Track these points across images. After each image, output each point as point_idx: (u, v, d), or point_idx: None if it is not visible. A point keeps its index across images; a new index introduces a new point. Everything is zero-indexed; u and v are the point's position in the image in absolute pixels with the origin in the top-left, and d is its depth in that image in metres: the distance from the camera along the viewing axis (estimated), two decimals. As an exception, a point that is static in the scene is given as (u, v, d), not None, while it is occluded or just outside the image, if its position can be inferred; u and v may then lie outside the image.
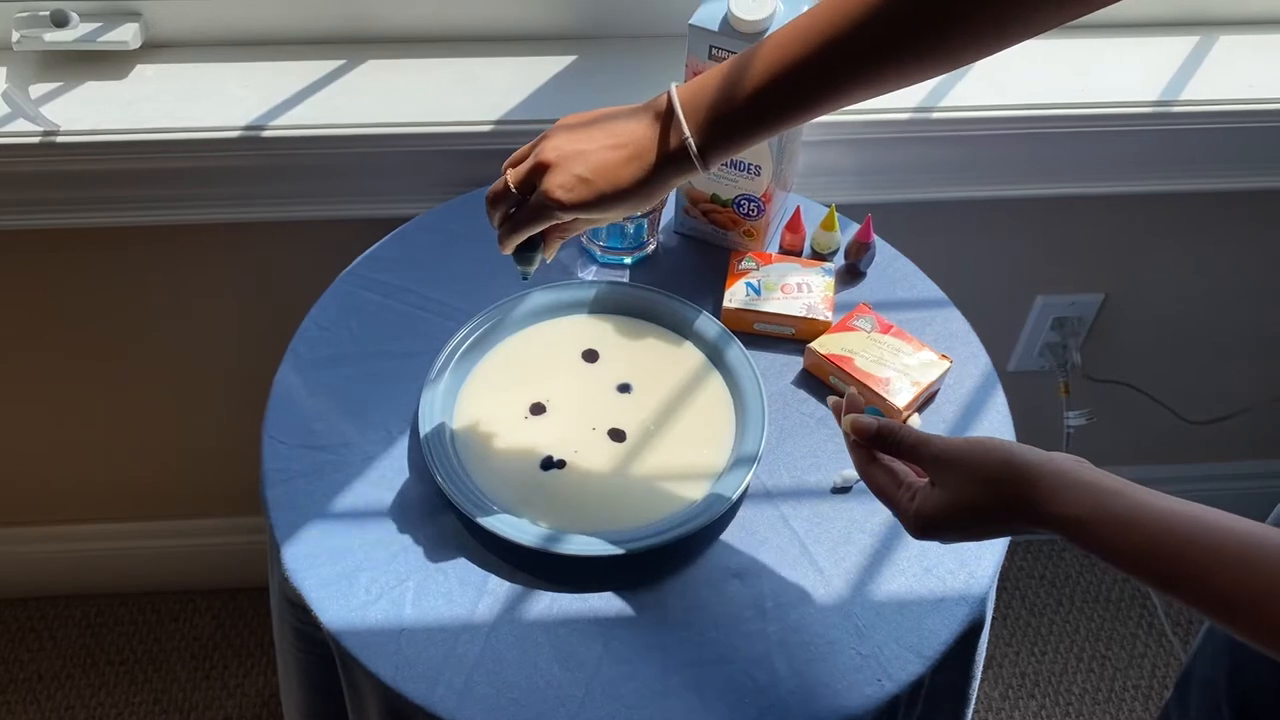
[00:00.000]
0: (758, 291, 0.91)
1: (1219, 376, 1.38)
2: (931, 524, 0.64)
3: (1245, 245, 1.24)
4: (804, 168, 1.04)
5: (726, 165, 0.91)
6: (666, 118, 0.67)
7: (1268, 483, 1.52)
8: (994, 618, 1.51)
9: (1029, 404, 1.07)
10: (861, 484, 0.81)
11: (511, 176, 0.70)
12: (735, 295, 0.90)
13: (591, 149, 0.67)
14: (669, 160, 0.66)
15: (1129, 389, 1.35)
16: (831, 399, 0.72)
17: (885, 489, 0.67)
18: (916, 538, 0.66)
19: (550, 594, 0.75)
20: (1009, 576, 1.55)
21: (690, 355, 0.88)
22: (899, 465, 0.68)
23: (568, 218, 0.68)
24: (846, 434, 0.69)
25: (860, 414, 0.69)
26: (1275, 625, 0.55)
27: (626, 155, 0.67)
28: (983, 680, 1.45)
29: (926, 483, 0.65)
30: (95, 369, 1.23)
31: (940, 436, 0.65)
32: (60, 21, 0.99)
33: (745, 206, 0.93)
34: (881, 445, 0.67)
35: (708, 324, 0.89)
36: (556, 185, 0.67)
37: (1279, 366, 1.37)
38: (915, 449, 0.65)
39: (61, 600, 1.49)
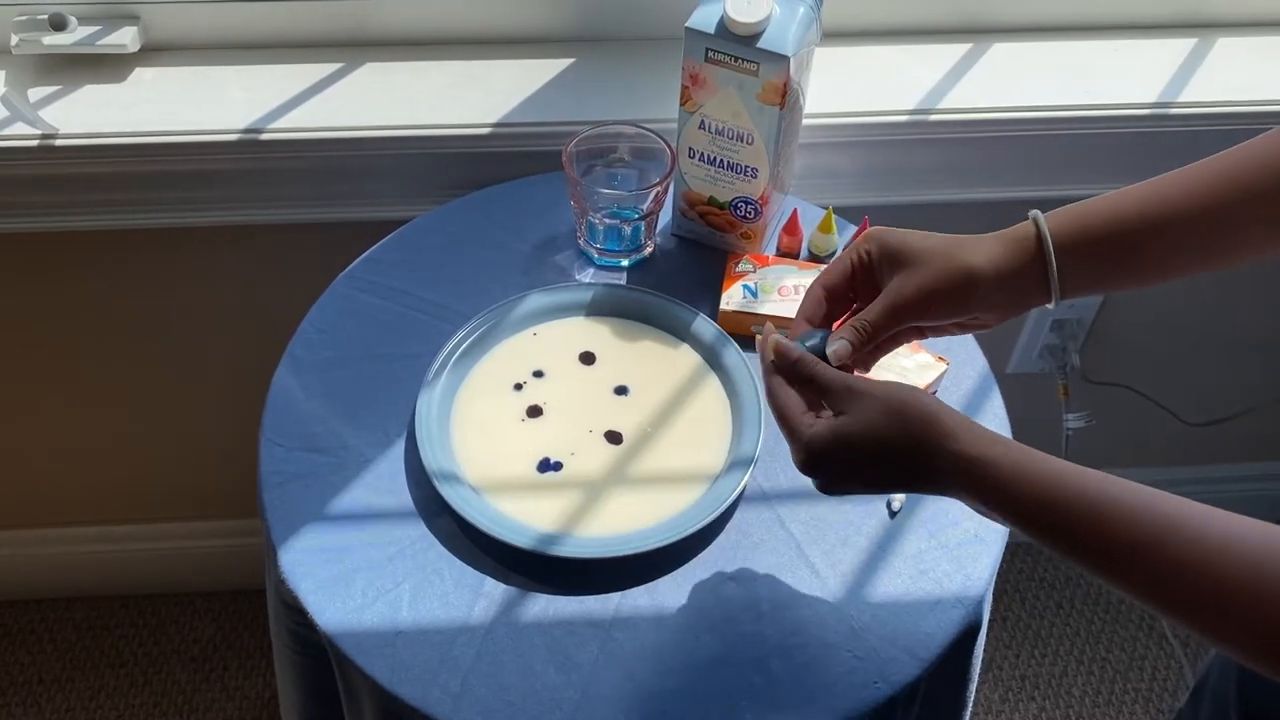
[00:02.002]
0: (755, 294, 0.91)
1: (1218, 378, 1.38)
2: (825, 452, 0.63)
3: (1244, 247, 1.23)
4: (801, 170, 1.04)
5: (723, 167, 0.91)
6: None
7: (1268, 485, 1.52)
8: (994, 620, 1.51)
9: (1028, 406, 1.07)
10: (858, 486, 0.81)
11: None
12: (732, 297, 0.90)
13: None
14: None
15: (1128, 391, 1.35)
16: (760, 337, 0.69)
17: (787, 409, 0.65)
18: (803, 468, 0.64)
19: (546, 596, 0.75)
20: (1009, 579, 1.55)
21: (687, 357, 0.88)
22: (806, 398, 0.66)
23: None
24: (764, 356, 0.68)
25: (784, 340, 0.67)
26: (1155, 579, 0.56)
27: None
28: (982, 682, 1.45)
29: (831, 414, 0.65)
30: (92, 372, 1.23)
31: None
32: (58, 25, 0.99)
33: (742, 209, 0.93)
34: (796, 373, 0.66)
35: (705, 326, 0.89)
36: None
37: (1278, 367, 1.37)
38: (830, 382, 0.65)
39: (61, 602, 1.49)
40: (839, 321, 0.70)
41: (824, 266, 0.93)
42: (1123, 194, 0.67)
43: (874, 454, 0.62)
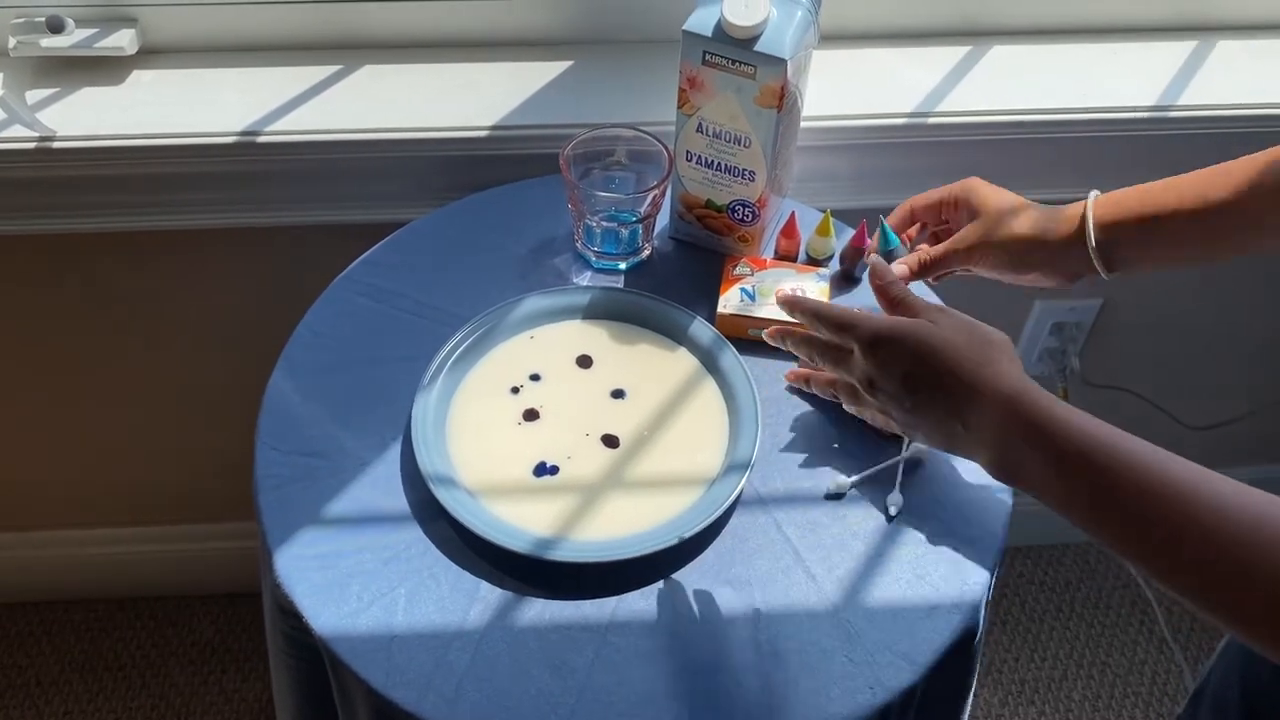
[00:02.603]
0: (752, 297, 0.90)
1: (1218, 382, 1.37)
2: (897, 335, 0.63)
3: (1244, 250, 1.23)
4: (799, 173, 1.04)
5: (720, 170, 0.91)
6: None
7: (1268, 488, 1.51)
8: (993, 623, 1.51)
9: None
10: (855, 491, 0.81)
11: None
12: (730, 301, 0.90)
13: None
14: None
15: (1128, 394, 1.35)
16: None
17: (851, 311, 0.67)
18: (870, 342, 0.64)
19: (542, 601, 0.75)
20: (1009, 582, 1.55)
21: (684, 361, 0.88)
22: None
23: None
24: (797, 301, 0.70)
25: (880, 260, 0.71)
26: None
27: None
28: (982, 686, 1.45)
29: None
30: (89, 374, 1.23)
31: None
32: (56, 27, 0.99)
33: (740, 212, 0.93)
34: (888, 293, 0.68)
35: (702, 329, 0.89)
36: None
37: (1278, 371, 1.37)
38: (920, 300, 0.67)
39: (60, 605, 1.49)
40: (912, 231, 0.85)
41: (822, 270, 0.93)
42: (1169, 184, 0.74)
43: (939, 352, 0.61)
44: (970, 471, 0.83)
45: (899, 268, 0.73)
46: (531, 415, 0.84)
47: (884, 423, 0.67)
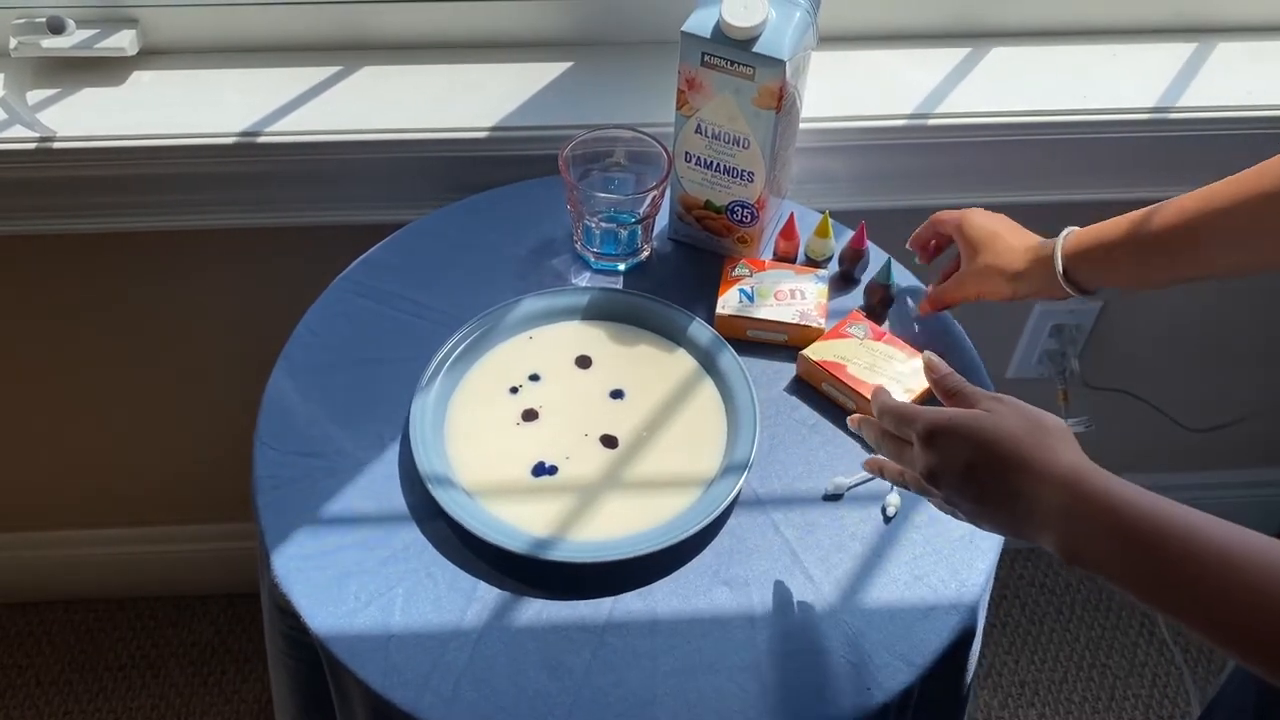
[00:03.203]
0: (751, 298, 0.90)
1: (1218, 384, 1.37)
2: (955, 428, 0.63)
3: (1244, 252, 1.23)
4: (798, 174, 1.04)
5: (719, 171, 0.91)
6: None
7: (1267, 490, 1.51)
8: (994, 625, 1.51)
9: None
10: (853, 493, 0.81)
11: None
12: (728, 302, 0.90)
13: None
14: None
15: (1128, 396, 1.35)
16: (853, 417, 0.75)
17: (908, 405, 0.68)
18: (926, 434, 0.64)
19: (540, 601, 0.75)
20: (1009, 584, 1.55)
21: (683, 362, 0.88)
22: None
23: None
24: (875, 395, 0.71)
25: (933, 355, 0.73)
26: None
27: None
28: (982, 688, 1.44)
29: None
30: (90, 374, 1.23)
31: None
32: (57, 28, 1.00)
33: (739, 213, 0.93)
34: (945, 386, 0.70)
35: (700, 330, 0.89)
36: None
37: (1278, 373, 1.37)
38: (977, 390, 0.68)
39: (59, 605, 1.49)
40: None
41: (820, 271, 0.93)
42: (1143, 211, 0.81)
43: (998, 442, 0.62)
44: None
45: (941, 364, 0.74)
46: (530, 415, 0.84)
47: (950, 513, 0.68)
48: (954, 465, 0.64)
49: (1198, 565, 0.56)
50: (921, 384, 0.85)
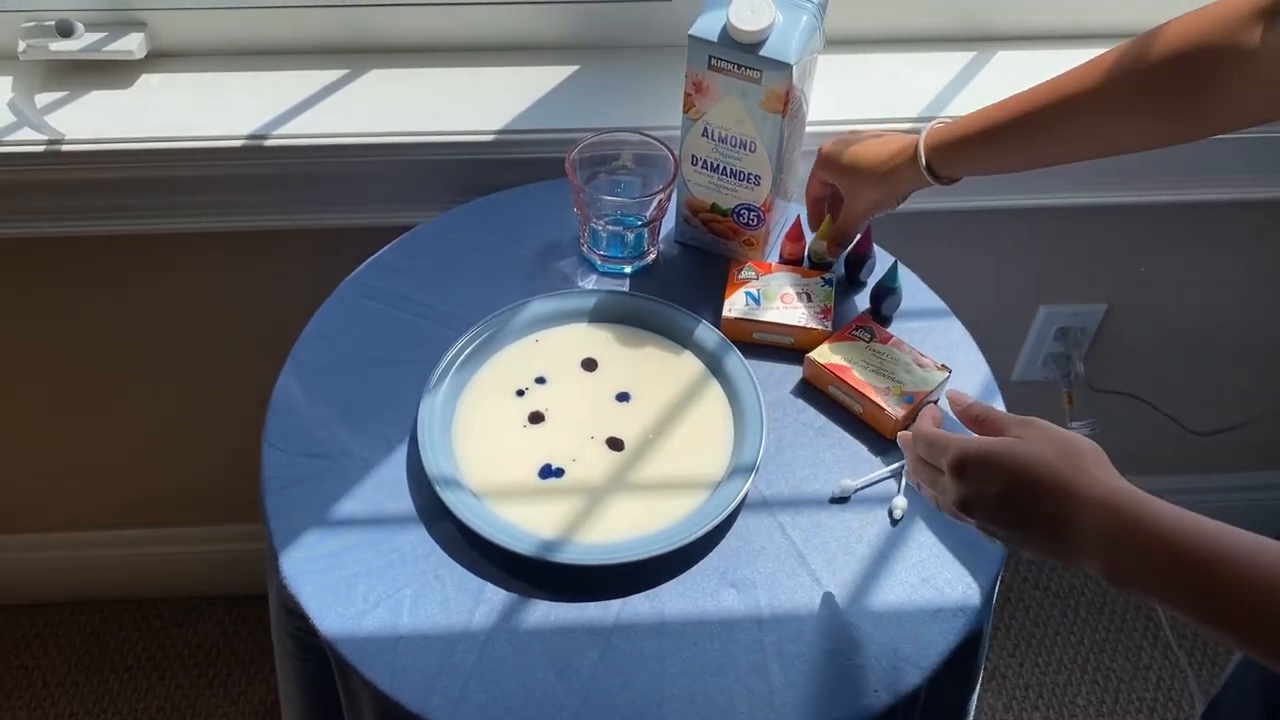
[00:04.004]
0: (757, 301, 0.91)
1: (1224, 387, 1.37)
2: (988, 458, 0.63)
3: (1249, 255, 1.23)
4: (804, 177, 1.04)
5: (726, 174, 0.91)
6: None
7: (1273, 494, 1.51)
8: (998, 628, 1.51)
9: (1032, 414, 1.06)
10: (860, 495, 0.81)
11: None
12: (735, 305, 0.90)
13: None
14: None
15: (1133, 399, 1.35)
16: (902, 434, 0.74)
17: (942, 433, 0.68)
18: (956, 466, 0.65)
19: (547, 603, 0.75)
20: (1013, 587, 1.55)
21: (689, 364, 0.88)
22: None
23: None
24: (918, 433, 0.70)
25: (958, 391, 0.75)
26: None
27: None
28: (986, 691, 1.45)
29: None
30: (98, 376, 1.23)
31: None
32: (65, 31, 1.00)
33: (745, 216, 0.93)
34: (970, 414, 0.70)
35: (707, 333, 0.89)
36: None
37: (1283, 377, 1.37)
38: (1005, 416, 0.68)
39: (66, 607, 1.49)
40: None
41: (826, 275, 0.93)
42: (991, 105, 0.84)
43: (1031, 468, 0.62)
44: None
45: (964, 395, 0.75)
46: (537, 418, 0.84)
47: (988, 537, 0.68)
48: (986, 494, 0.64)
49: (1248, 587, 0.56)
50: (926, 387, 0.85)
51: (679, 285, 0.94)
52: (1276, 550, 0.56)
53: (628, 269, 0.95)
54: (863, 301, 0.94)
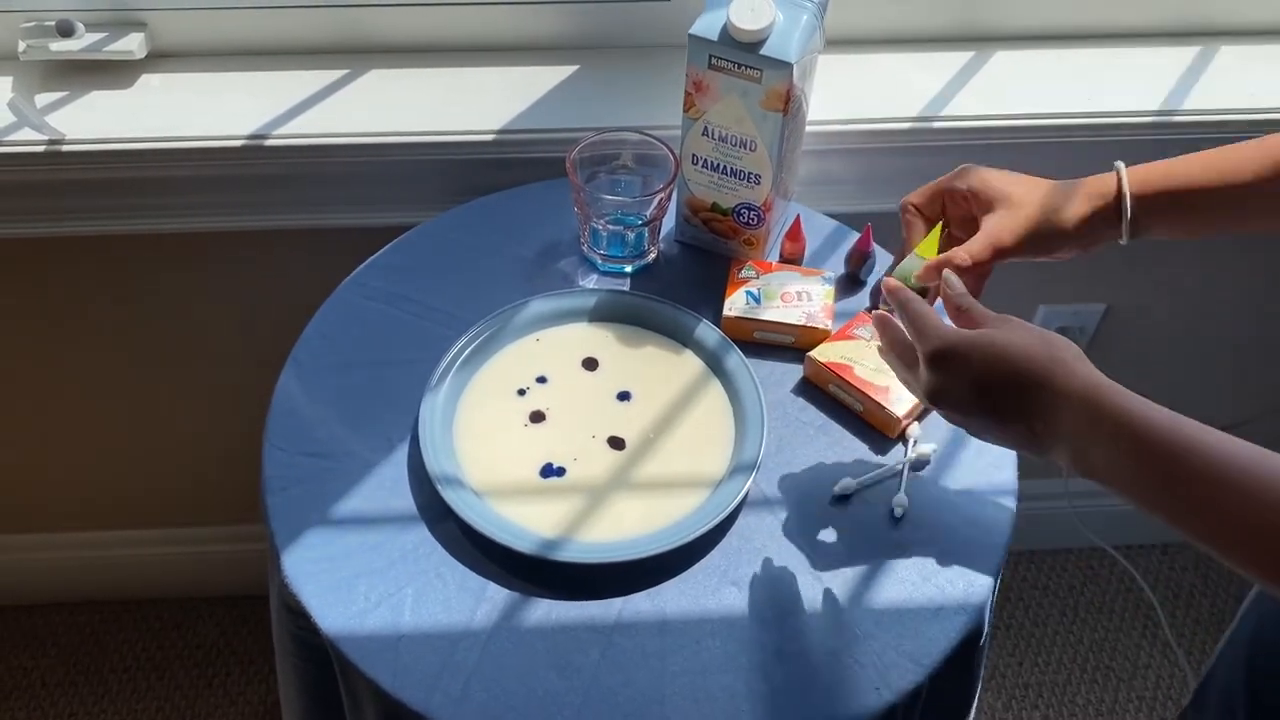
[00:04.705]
0: (757, 300, 0.91)
1: (1221, 387, 1.37)
2: (967, 347, 0.63)
3: (1247, 256, 1.24)
4: (804, 176, 1.04)
5: (726, 174, 0.91)
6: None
7: (1272, 493, 1.51)
8: (997, 627, 1.51)
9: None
10: (861, 494, 0.81)
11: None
12: (735, 304, 0.91)
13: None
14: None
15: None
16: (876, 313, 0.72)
17: (927, 312, 0.67)
18: (933, 358, 0.64)
19: (548, 601, 0.75)
20: (1012, 586, 1.55)
21: (690, 363, 0.89)
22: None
23: None
24: (896, 286, 0.69)
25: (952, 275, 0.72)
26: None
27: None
28: (986, 690, 1.45)
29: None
30: (97, 376, 1.23)
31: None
32: (66, 31, 1.00)
33: (745, 215, 0.93)
34: (953, 305, 0.69)
35: (707, 332, 0.89)
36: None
37: (1278, 377, 1.37)
38: (986, 311, 0.67)
39: (65, 607, 1.49)
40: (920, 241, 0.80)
41: (827, 273, 0.93)
42: (1201, 156, 0.77)
43: (1008, 357, 0.62)
44: (975, 474, 0.83)
45: (954, 280, 0.73)
46: (538, 417, 0.85)
47: (955, 425, 0.68)
48: (960, 384, 0.64)
49: (1212, 485, 0.58)
50: None
51: (679, 284, 0.94)
52: (1249, 452, 0.58)
53: (628, 268, 0.95)
54: (863, 300, 0.94)
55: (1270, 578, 0.58)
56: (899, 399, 0.84)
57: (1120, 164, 0.78)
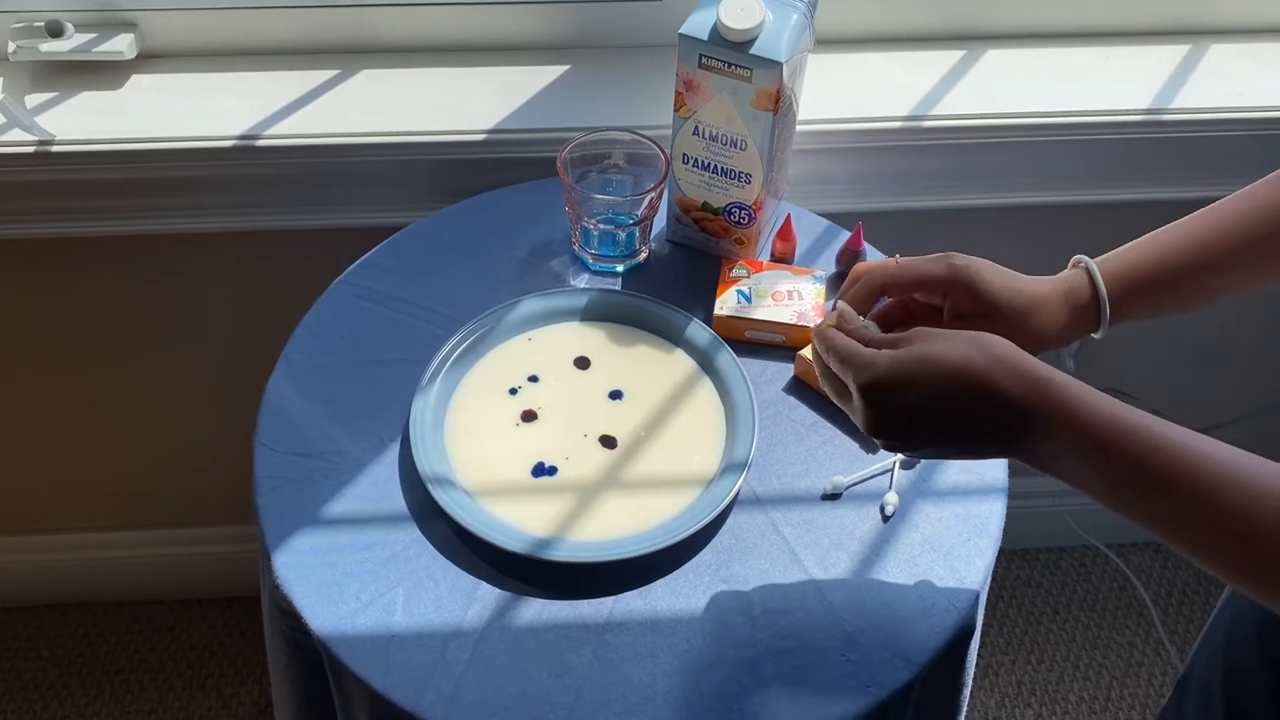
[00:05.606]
0: (749, 299, 0.91)
1: (1212, 384, 1.38)
2: (902, 372, 0.60)
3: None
4: (795, 176, 1.05)
5: (717, 173, 0.91)
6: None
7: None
8: (990, 625, 1.51)
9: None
10: (851, 492, 0.82)
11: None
12: (726, 303, 0.91)
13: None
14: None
15: (1123, 397, 1.35)
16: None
17: (851, 345, 0.63)
18: (870, 388, 0.61)
19: (540, 600, 0.75)
20: (1005, 584, 1.55)
21: (681, 362, 0.89)
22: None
23: None
24: (821, 328, 0.66)
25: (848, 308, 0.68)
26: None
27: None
28: (979, 688, 1.45)
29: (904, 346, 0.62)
30: (87, 378, 1.23)
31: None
32: (55, 32, 1.00)
33: (736, 214, 0.93)
34: (860, 336, 0.65)
35: (699, 331, 0.89)
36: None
37: (1270, 374, 1.37)
38: (902, 334, 0.64)
39: (58, 609, 1.48)
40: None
41: (817, 272, 0.93)
42: (1168, 239, 0.74)
43: (959, 381, 0.59)
44: (966, 472, 0.83)
45: (853, 314, 0.69)
46: (529, 416, 0.85)
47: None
48: (901, 412, 0.61)
49: (1164, 472, 0.58)
50: None
51: (671, 284, 0.94)
52: (1193, 439, 0.58)
53: (619, 267, 0.95)
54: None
55: (1230, 575, 0.59)
56: (890, 397, 0.84)
57: (1087, 260, 0.74)
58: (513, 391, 0.86)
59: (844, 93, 1.05)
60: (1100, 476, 0.60)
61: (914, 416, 0.62)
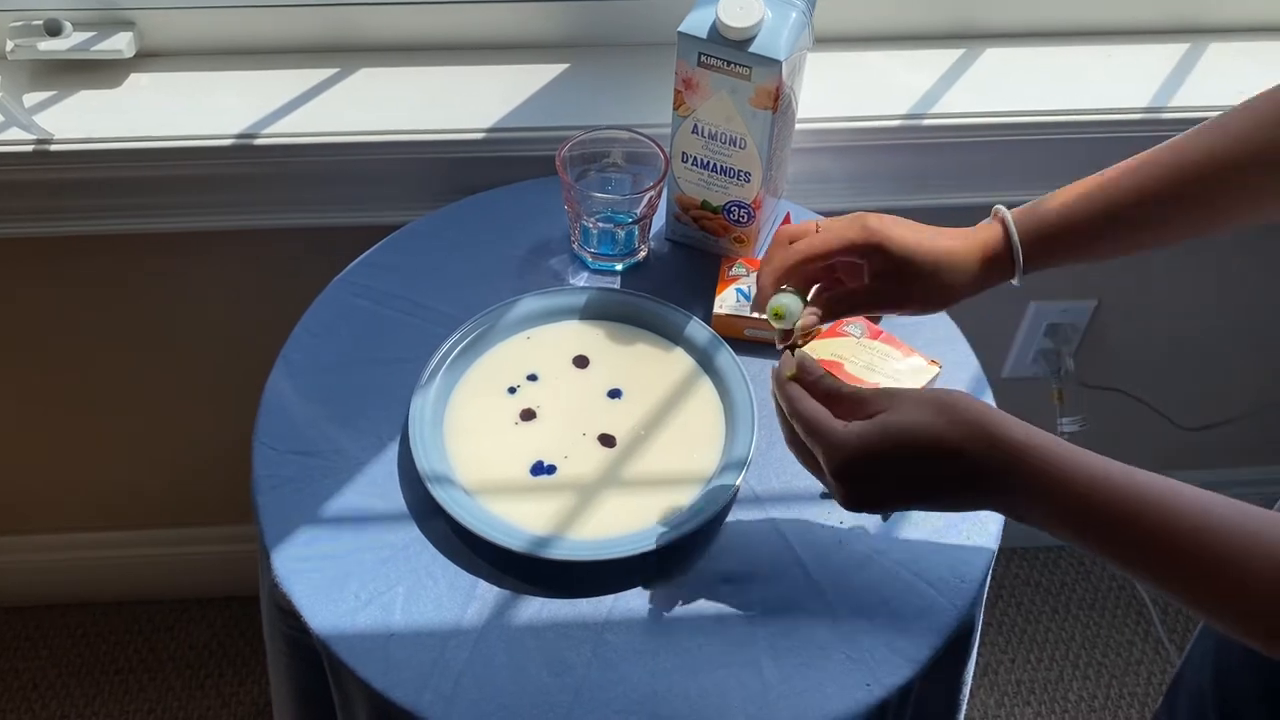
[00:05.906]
0: (748, 297, 0.91)
1: (1212, 383, 1.38)
2: (870, 450, 0.60)
3: (1237, 251, 1.24)
4: (794, 174, 1.05)
5: (716, 171, 0.91)
6: None
7: (1261, 489, 1.51)
8: (989, 624, 1.51)
9: (1023, 410, 1.06)
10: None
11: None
12: (726, 301, 0.91)
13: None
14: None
15: (1123, 395, 1.35)
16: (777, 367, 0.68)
17: (817, 416, 0.63)
18: (841, 470, 0.61)
19: (539, 599, 0.75)
20: (1004, 583, 1.55)
21: (680, 361, 0.89)
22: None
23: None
24: (780, 377, 0.65)
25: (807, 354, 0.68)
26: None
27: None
28: (978, 687, 1.45)
29: (870, 417, 0.62)
30: (86, 376, 1.23)
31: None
32: (54, 30, 1.00)
33: (736, 213, 0.93)
34: (821, 388, 0.65)
35: (698, 330, 0.89)
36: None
37: (1272, 372, 1.37)
38: (860, 390, 0.64)
39: (57, 609, 1.49)
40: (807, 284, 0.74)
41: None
42: (1085, 189, 0.74)
43: (925, 449, 0.60)
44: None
45: (810, 319, 0.70)
46: (528, 415, 0.84)
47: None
48: (874, 487, 0.63)
49: (1145, 527, 0.58)
50: (918, 382, 0.85)
51: (670, 282, 0.94)
52: (1168, 488, 0.58)
53: (619, 266, 0.95)
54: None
55: (1222, 627, 0.59)
56: (889, 396, 0.84)
57: (1004, 211, 0.74)
58: (512, 390, 0.86)
59: (843, 91, 1.05)
60: (1075, 534, 0.60)
61: (883, 488, 0.63)
